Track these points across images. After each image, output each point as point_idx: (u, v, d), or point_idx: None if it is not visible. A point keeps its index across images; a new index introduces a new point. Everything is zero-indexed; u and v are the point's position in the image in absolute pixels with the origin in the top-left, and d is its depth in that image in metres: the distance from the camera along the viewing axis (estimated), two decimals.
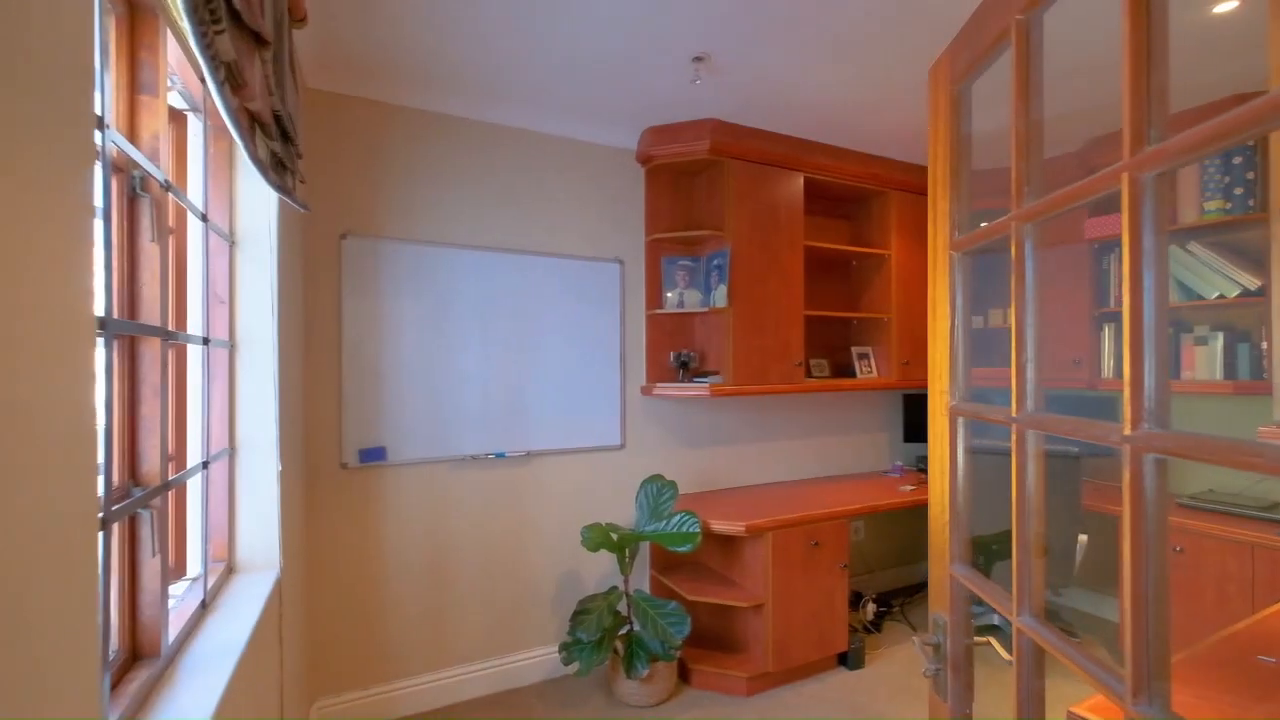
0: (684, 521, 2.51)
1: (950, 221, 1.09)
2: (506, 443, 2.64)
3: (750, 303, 2.87)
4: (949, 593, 1.09)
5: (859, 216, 3.53)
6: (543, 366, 2.72)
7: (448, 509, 2.53)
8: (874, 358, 3.43)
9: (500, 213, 2.65)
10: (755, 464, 3.32)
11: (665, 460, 3.04)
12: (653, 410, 3.01)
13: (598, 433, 2.85)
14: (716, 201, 2.91)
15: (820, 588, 2.69)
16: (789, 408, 3.44)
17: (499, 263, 2.63)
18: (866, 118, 2.75)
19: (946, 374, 1.10)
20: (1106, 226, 3.00)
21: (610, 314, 2.89)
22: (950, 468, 1.09)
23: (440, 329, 2.51)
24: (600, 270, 2.87)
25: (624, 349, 2.92)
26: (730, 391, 2.78)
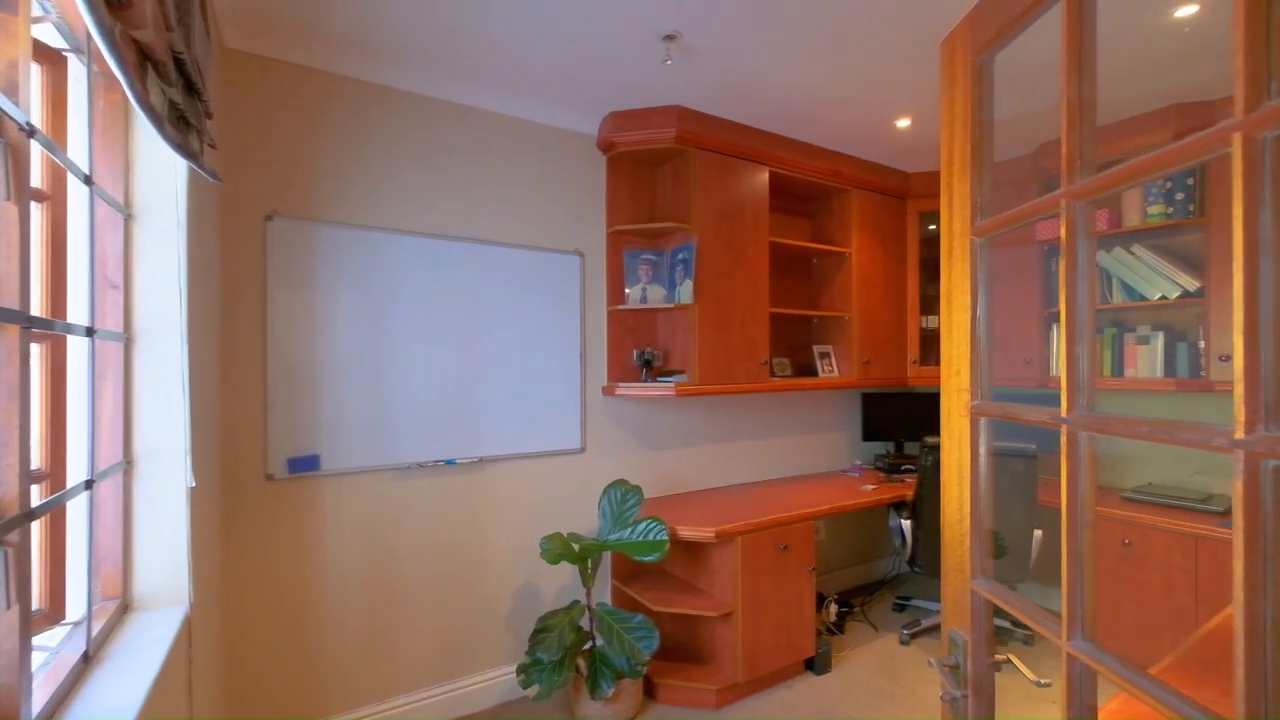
0: (650, 529, 2.37)
1: (971, 204, 1.00)
2: (457, 448, 2.42)
3: (716, 299, 2.77)
4: (970, 609, 1.00)
5: (820, 214, 3.50)
6: (497, 366, 2.52)
7: (392, 522, 2.29)
8: (835, 356, 3.41)
9: (450, 198, 2.43)
10: (720, 465, 3.22)
11: (628, 464, 2.89)
12: (615, 411, 2.85)
13: (557, 436, 2.67)
14: (681, 193, 2.79)
15: (789, 592, 2.61)
16: (752, 407, 3.36)
17: (449, 252, 2.41)
18: (833, 112, 2.70)
19: (966, 371, 1.01)
20: (1057, 228, 3.07)
21: (570, 310, 2.72)
22: (972, 472, 0.99)
23: (382, 324, 2.27)
24: (559, 263, 2.69)
25: (584, 347, 2.75)
26: (696, 391, 2.67)
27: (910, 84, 2.42)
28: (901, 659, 2.82)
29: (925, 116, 2.74)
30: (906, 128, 2.86)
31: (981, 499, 0.99)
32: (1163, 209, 2.71)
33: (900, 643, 2.98)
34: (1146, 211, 2.77)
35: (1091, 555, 0.78)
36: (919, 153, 3.22)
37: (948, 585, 1.07)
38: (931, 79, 2.39)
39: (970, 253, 1.00)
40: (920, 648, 2.94)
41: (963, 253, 1.02)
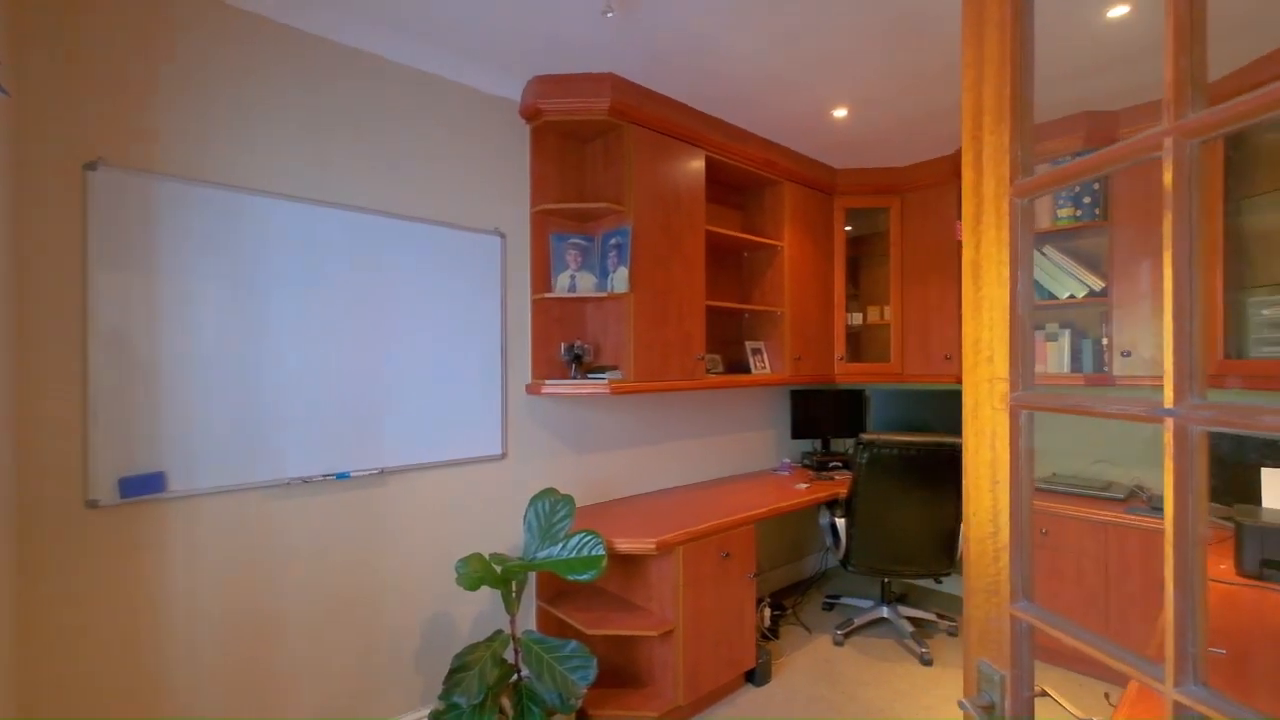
0: (585, 543, 2.11)
1: (1010, 160, 0.84)
2: (352, 459, 2.03)
3: (652, 289, 2.55)
4: (1009, 639, 0.84)
5: (751, 206, 3.40)
6: (402, 361, 2.14)
7: (266, 551, 1.86)
8: (766, 353, 3.31)
9: (345, 158, 2.03)
10: (652, 468, 3.01)
11: (555, 470, 2.61)
12: (540, 412, 2.56)
13: (474, 441, 2.34)
14: (614, 173, 2.55)
15: (730, 602, 2.45)
16: (685, 406, 3.19)
17: (342, 224, 2.01)
18: (772, 96, 2.57)
19: (1003, 356, 0.85)
20: None
21: (489, 297, 2.39)
22: (1012, 477, 0.84)
23: (255, 309, 1.84)
24: (477, 244, 2.35)
25: (506, 339, 2.44)
26: (631, 389, 2.44)
27: (852, 69, 2.34)
28: (838, 662, 2.76)
29: (863, 108, 2.69)
30: (843, 119, 2.81)
31: (1024, 508, 0.84)
32: (1071, 212, 2.85)
33: (834, 644, 2.92)
34: (1056, 214, 2.90)
35: (1205, 583, 0.63)
36: (851, 147, 3.19)
37: (975, 609, 0.91)
38: (874, 68, 2.32)
39: (1010, 216, 0.84)
40: (854, 647, 2.89)
41: (997, 217, 0.86)
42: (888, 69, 2.35)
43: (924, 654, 2.74)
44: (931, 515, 2.75)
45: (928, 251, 3.40)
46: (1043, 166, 2.94)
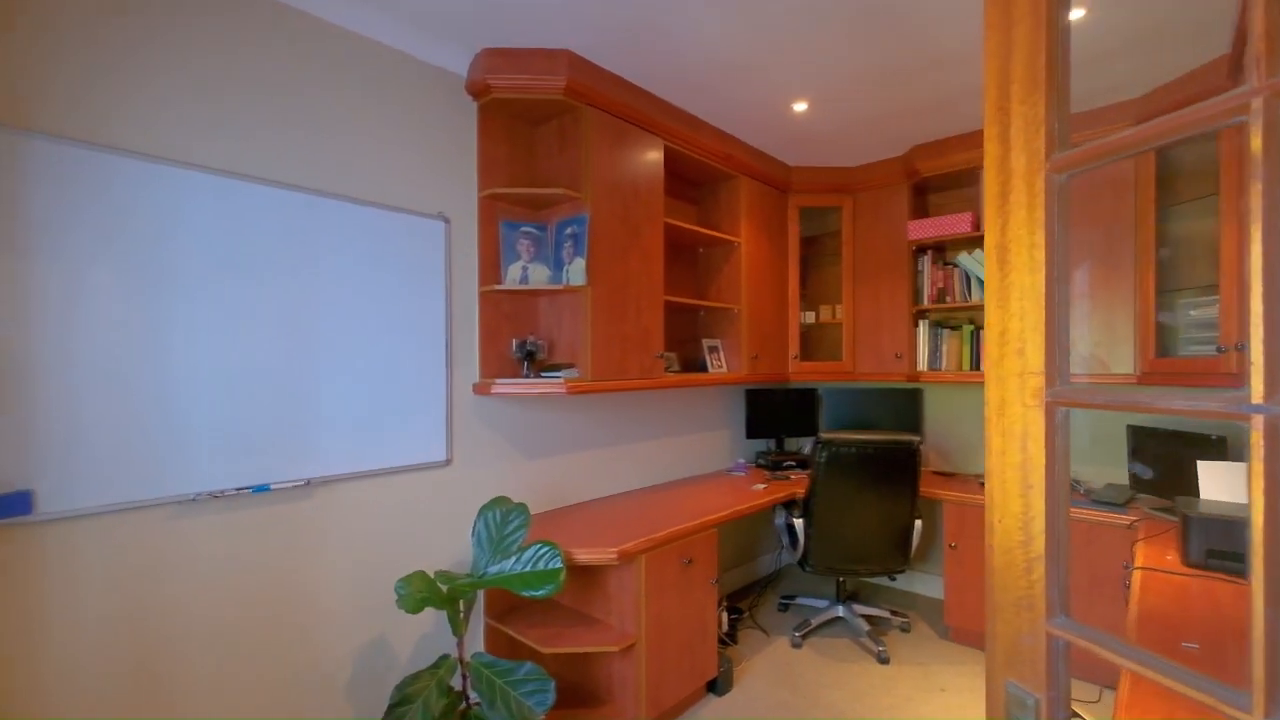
0: (541, 555, 1.94)
1: (1046, 131, 0.76)
2: (273, 469, 1.78)
3: (610, 283, 2.42)
4: (1045, 659, 0.77)
5: (707, 201, 3.32)
6: (333, 358, 1.91)
7: (167, 576, 1.59)
8: (723, 351, 3.24)
9: (270, 128, 1.78)
10: (607, 472, 2.87)
11: (506, 476, 2.42)
12: (489, 414, 2.37)
13: (415, 446, 2.12)
14: (569, 158, 2.40)
15: (692, 611, 2.35)
16: (642, 406, 3.06)
17: (265, 202, 1.76)
18: (732, 84, 2.49)
19: (1037, 348, 0.77)
20: (925, 229, 3.21)
21: (432, 288, 2.18)
22: (1048, 481, 0.76)
23: (157, 298, 1.57)
24: (418, 229, 2.14)
25: (451, 335, 2.23)
26: (589, 388, 2.29)
27: (818, 58, 2.29)
28: (798, 665, 2.71)
29: (823, 102, 2.66)
30: (803, 113, 2.77)
31: (1061, 515, 0.76)
32: None
33: (793, 646, 2.88)
34: None
35: None
36: (807, 144, 3.17)
37: (1001, 625, 0.83)
38: (839, 59, 2.28)
39: (1046, 193, 0.76)
40: (812, 648, 2.86)
41: (1029, 195, 0.78)
42: (851, 62, 2.32)
43: (881, 652, 2.74)
44: (888, 513, 2.75)
45: (878, 251, 3.43)
46: None
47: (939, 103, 2.68)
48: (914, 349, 3.30)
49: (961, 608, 2.85)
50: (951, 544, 2.87)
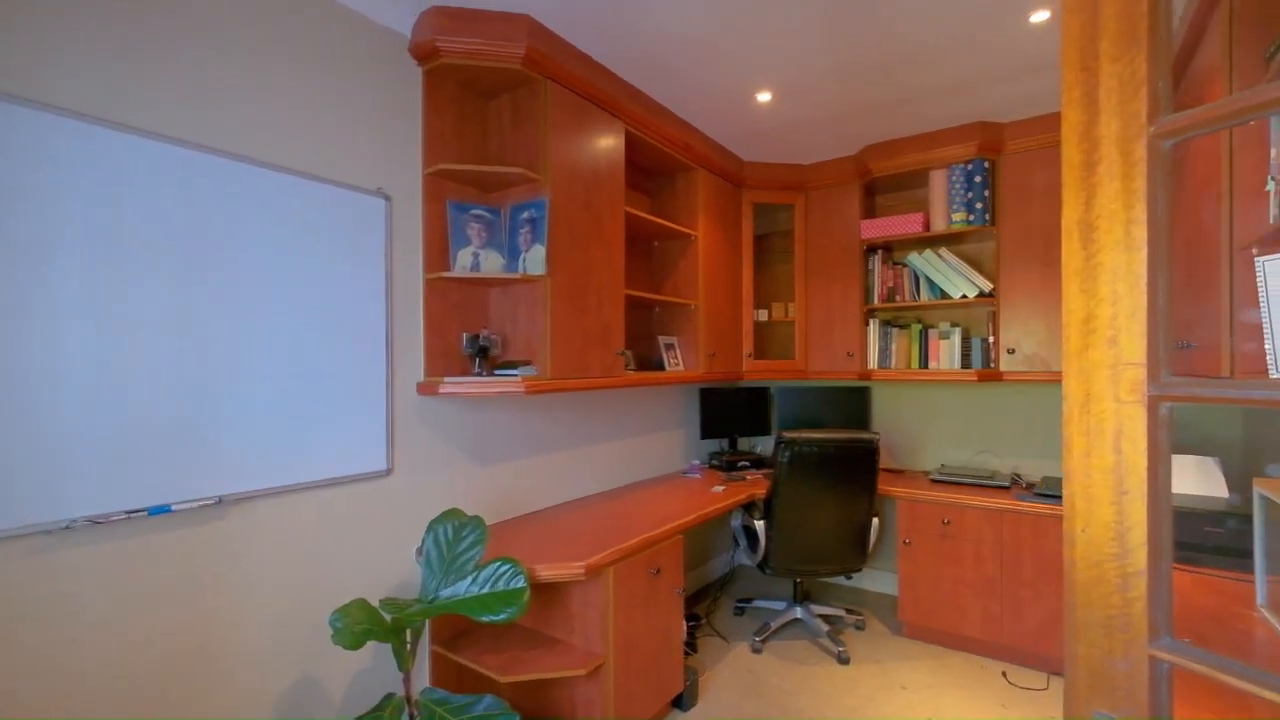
0: (501, 574, 1.73)
1: (1149, 91, 0.68)
2: (174, 486, 1.47)
3: (571, 273, 2.23)
4: (1145, 687, 0.68)
5: (663, 193, 3.19)
6: (249, 353, 1.61)
7: (31, 621, 1.26)
8: (679, 348, 3.13)
9: (167, 71, 1.47)
10: (565, 477, 2.68)
11: (455, 486, 2.18)
12: (435, 416, 2.12)
13: (350, 455, 1.85)
14: (526, 136, 2.20)
15: (659, 624, 2.21)
16: (598, 406, 2.89)
17: (159, 162, 1.45)
18: (699, 69, 2.38)
19: (1134, 338, 0.68)
20: (878, 229, 3.24)
21: (371, 273, 1.91)
22: (1150, 486, 0.68)
23: (14, 279, 1.24)
24: (354, 205, 1.87)
25: (392, 328, 1.97)
26: (549, 387, 2.10)
27: (784, 46, 2.21)
28: (760, 671, 2.63)
29: (787, 94, 2.60)
30: (765, 104, 2.69)
31: (1165, 524, 0.68)
32: (964, 216, 3.00)
33: (753, 651, 2.81)
34: (951, 217, 3.04)
35: None
36: (763, 138, 3.11)
37: (1085, 648, 0.74)
38: (807, 50, 2.21)
39: (1149, 162, 0.68)
40: (773, 652, 2.80)
41: (1125, 164, 0.69)
42: (820, 53, 2.26)
43: (841, 652, 2.71)
44: (849, 511, 2.73)
45: (830, 250, 3.44)
46: (938, 173, 3.08)
47: (897, 102, 2.69)
48: (865, 347, 3.32)
49: (915, 604, 2.88)
50: (905, 540, 2.89)
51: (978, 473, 3.03)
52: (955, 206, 3.03)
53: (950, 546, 2.78)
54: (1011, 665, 2.67)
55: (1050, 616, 2.55)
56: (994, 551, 2.68)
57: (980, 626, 2.71)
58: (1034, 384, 3.09)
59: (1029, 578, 2.60)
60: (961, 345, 3.08)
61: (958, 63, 2.34)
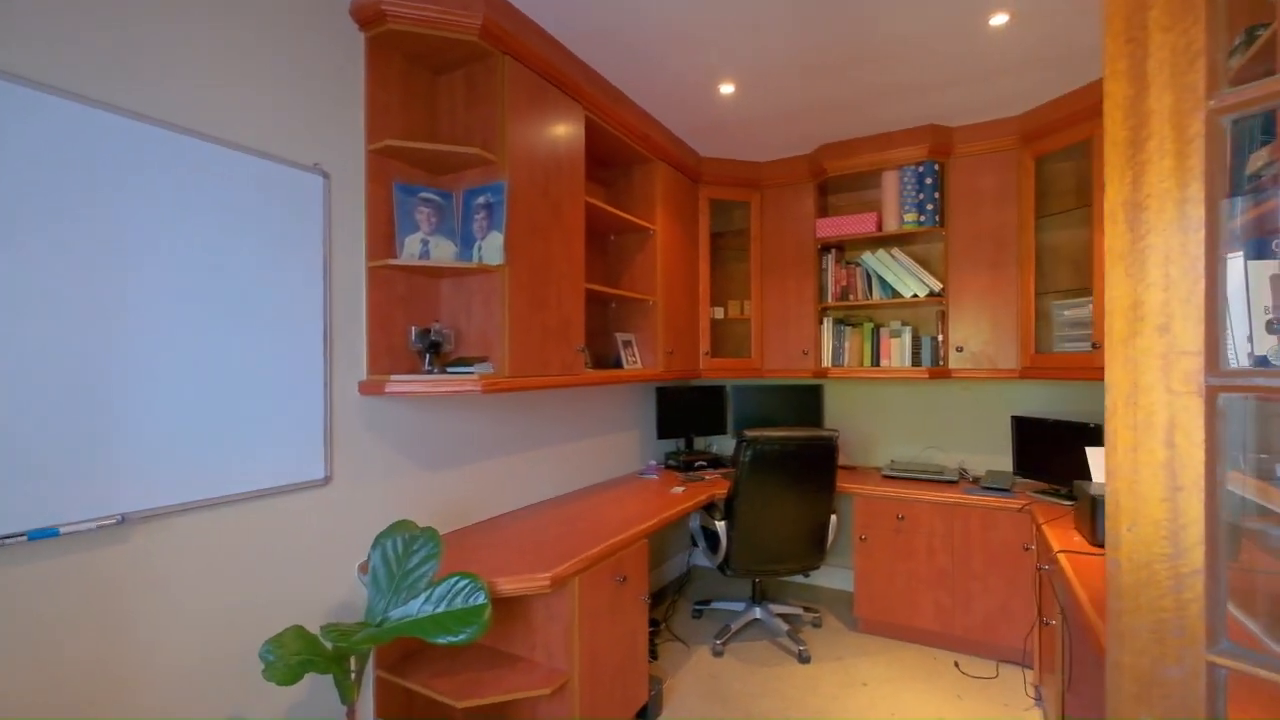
0: (459, 590, 1.58)
1: (1208, 63, 0.64)
2: (64, 504, 1.23)
3: (530, 263, 2.10)
4: (1202, 695, 0.64)
5: (619, 184, 3.09)
6: (161, 349, 1.39)
7: None
8: (637, 345, 3.03)
9: (52, 9, 1.23)
10: (520, 481, 2.52)
11: (402, 494, 1.99)
12: (380, 418, 1.92)
13: (283, 463, 1.64)
14: (481, 115, 2.04)
15: (624, 634, 2.10)
16: (554, 406, 2.75)
17: (43, 117, 1.21)
18: (664, 55, 2.29)
19: (1190, 325, 0.65)
20: (833, 228, 3.26)
21: (306, 259, 1.70)
22: (1208, 482, 0.64)
23: None
24: (288, 182, 1.66)
25: (330, 320, 1.77)
26: (508, 385, 1.95)
27: (751, 36, 2.16)
28: (723, 675, 2.58)
29: (750, 87, 2.55)
30: (729, 95, 2.64)
31: (1221, 522, 0.64)
32: (915, 217, 3.06)
33: (714, 655, 2.75)
34: (903, 218, 3.10)
35: None
36: (721, 133, 3.06)
37: (1131, 654, 0.69)
38: (774, 40, 2.17)
39: (1207, 138, 0.64)
40: (734, 655, 2.75)
41: (1178, 142, 0.65)
42: (786, 45, 2.23)
43: (802, 651, 2.70)
44: (809, 509, 2.72)
45: (786, 248, 3.44)
46: (890, 174, 3.14)
47: (854, 101, 2.71)
48: (819, 346, 3.34)
49: (871, 599, 2.91)
50: (861, 536, 2.92)
51: (926, 468, 3.10)
52: (907, 208, 3.09)
53: (904, 541, 2.83)
54: (963, 655, 2.74)
55: (998, 606, 2.63)
56: (945, 545, 2.75)
57: (933, 618, 2.77)
58: (979, 381, 3.20)
59: (979, 569, 2.67)
60: (912, 343, 3.14)
61: (916, 62, 2.37)
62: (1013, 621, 2.60)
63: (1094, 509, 1.95)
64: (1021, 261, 2.85)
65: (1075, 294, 2.71)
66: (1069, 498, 2.56)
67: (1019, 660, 2.65)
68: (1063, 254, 2.91)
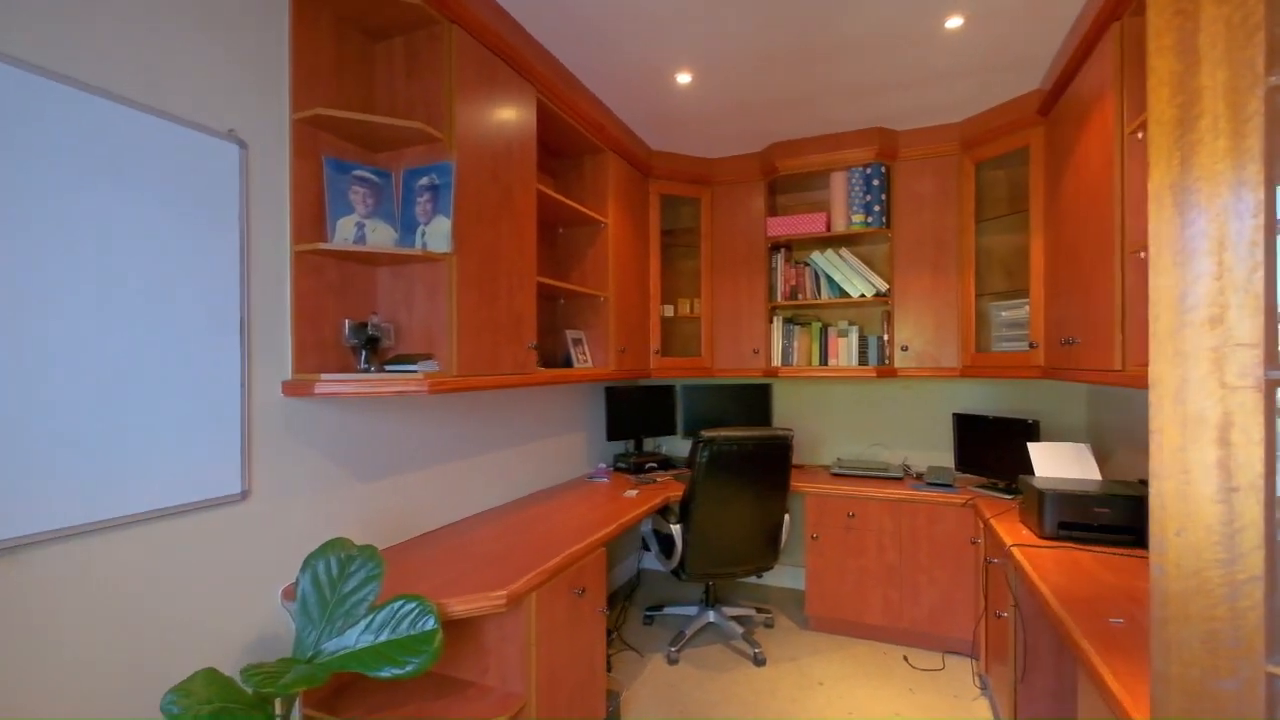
0: (404, 615, 1.41)
1: (1266, 36, 0.60)
2: None
3: (481, 253, 1.93)
4: (1263, 709, 0.60)
5: (569, 175, 2.95)
6: (50, 345, 1.14)
7: None
8: (588, 343, 2.91)
9: None
10: (464, 489, 2.33)
11: (333, 508, 1.77)
12: (308, 423, 1.70)
13: (191, 476, 1.40)
14: (424, 88, 1.86)
15: (583, 649, 1.97)
16: (500, 407, 2.57)
17: None
18: (621, 38, 2.19)
19: (1248, 316, 0.61)
20: (784, 227, 3.26)
21: (221, 240, 1.47)
22: (1268, 482, 0.60)
23: None
24: (197, 150, 1.42)
25: (249, 311, 1.54)
26: (456, 385, 1.78)
27: (713, 22, 2.10)
28: (680, 684, 2.50)
29: (708, 76, 2.49)
30: (686, 85, 2.57)
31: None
32: (863, 218, 3.11)
33: (669, 663, 2.67)
34: (851, 219, 3.14)
35: None
36: (674, 127, 2.99)
37: (1177, 665, 0.65)
38: (736, 28, 2.11)
39: (1267, 117, 0.60)
40: (689, 662, 2.68)
41: (1234, 121, 0.62)
42: (749, 35, 2.17)
43: (757, 654, 2.67)
44: (765, 510, 2.69)
45: (737, 247, 3.41)
46: (838, 174, 3.17)
47: (809, 99, 2.70)
48: (770, 345, 3.34)
49: (822, 597, 2.92)
50: (814, 535, 2.93)
51: (871, 465, 3.16)
52: (855, 208, 3.13)
53: (855, 538, 2.85)
54: (911, 649, 2.80)
55: (942, 599, 2.70)
56: (894, 541, 2.79)
57: (882, 614, 2.81)
58: (922, 379, 3.29)
59: (925, 563, 2.73)
60: (859, 343, 3.19)
61: (871, 62, 2.38)
62: (956, 613, 2.67)
63: (1041, 503, 2.01)
64: (962, 264, 2.95)
65: (1012, 296, 2.82)
66: (1009, 491, 2.66)
67: (963, 651, 2.73)
68: (998, 257, 3.03)
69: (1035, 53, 2.31)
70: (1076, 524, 1.96)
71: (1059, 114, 2.35)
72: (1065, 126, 2.26)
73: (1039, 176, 2.59)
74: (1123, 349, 1.79)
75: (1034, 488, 2.06)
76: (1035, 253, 2.60)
